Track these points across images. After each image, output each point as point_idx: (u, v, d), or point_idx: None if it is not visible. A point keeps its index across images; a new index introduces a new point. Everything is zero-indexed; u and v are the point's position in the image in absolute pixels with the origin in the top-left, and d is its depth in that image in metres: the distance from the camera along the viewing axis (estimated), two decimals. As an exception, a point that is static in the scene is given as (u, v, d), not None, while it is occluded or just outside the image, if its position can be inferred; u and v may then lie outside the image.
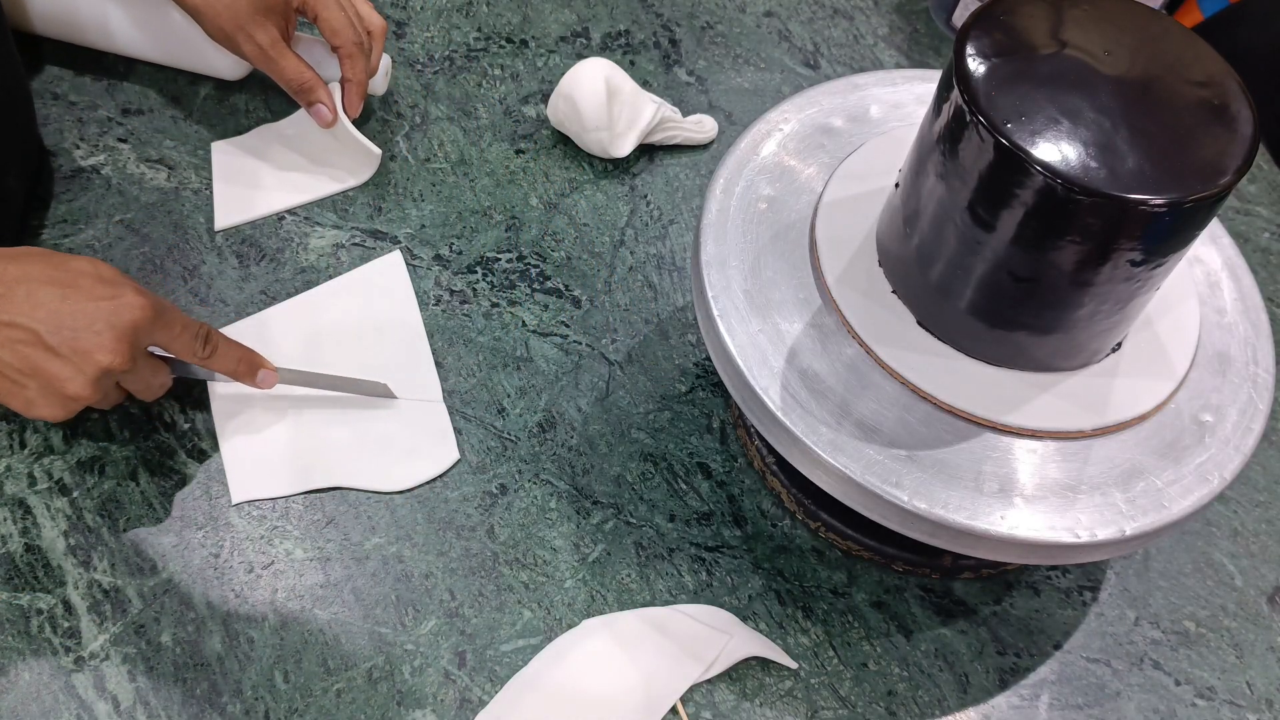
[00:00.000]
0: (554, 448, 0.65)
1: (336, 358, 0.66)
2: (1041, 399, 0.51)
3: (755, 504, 0.64)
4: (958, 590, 0.62)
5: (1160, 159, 0.43)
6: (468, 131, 0.79)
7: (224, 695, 0.55)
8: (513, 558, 0.60)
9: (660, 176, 0.79)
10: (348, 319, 0.68)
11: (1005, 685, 0.59)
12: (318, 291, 0.69)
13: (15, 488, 0.60)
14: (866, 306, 0.53)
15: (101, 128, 0.76)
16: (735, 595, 0.61)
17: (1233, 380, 0.54)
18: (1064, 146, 0.43)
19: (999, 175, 0.44)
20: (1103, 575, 0.64)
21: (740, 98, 0.84)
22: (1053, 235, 0.45)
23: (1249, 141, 0.45)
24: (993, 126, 0.44)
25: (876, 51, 0.89)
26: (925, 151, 0.49)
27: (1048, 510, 0.49)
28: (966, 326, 0.51)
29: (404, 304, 0.69)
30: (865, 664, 0.59)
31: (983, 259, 0.48)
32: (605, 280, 0.73)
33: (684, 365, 0.69)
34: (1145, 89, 0.46)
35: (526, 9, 0.88)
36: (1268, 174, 0.85)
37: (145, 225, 0.71)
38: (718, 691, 0.57)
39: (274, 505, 0.61)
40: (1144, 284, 0.48)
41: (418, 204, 0.75)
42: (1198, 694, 0.60)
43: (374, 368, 0.65)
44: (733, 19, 0.90)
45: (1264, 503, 0.67)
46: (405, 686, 0.56)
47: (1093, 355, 0.52)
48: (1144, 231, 0.44)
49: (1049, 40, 0.47)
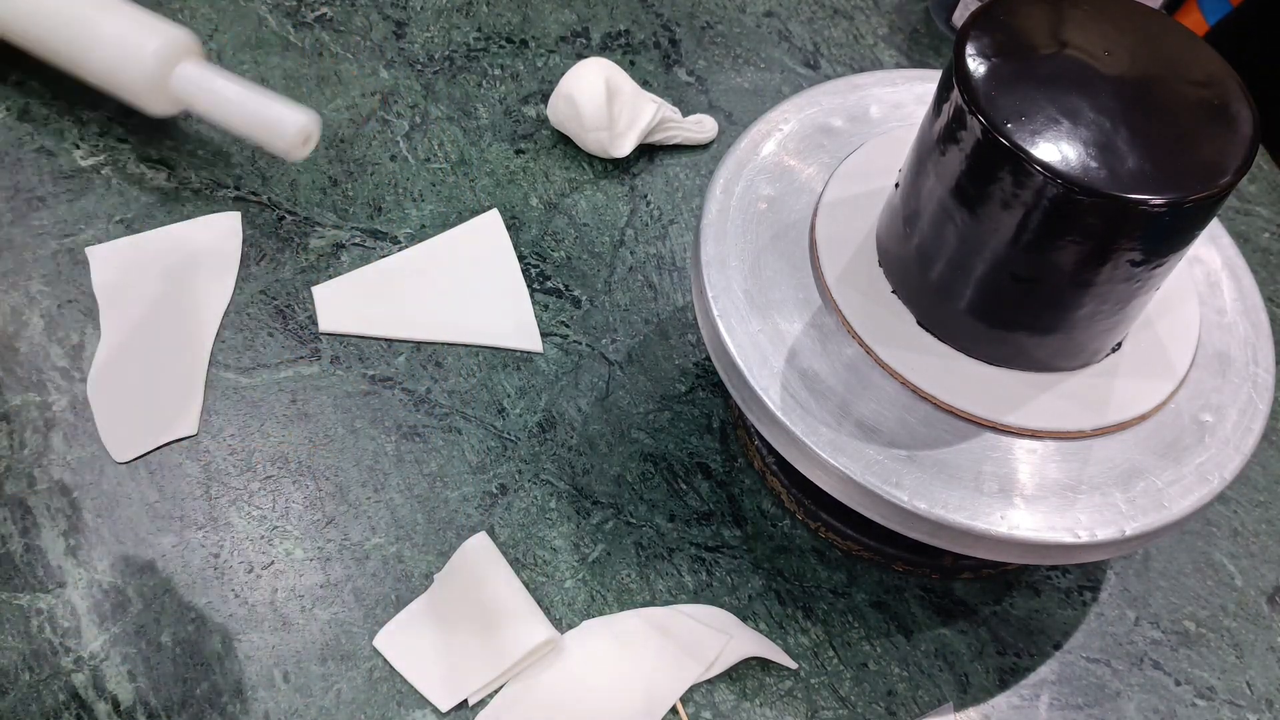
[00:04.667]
0: (554, 448, 0.65)
1: (442, 305, 0.70)
2: (1042, 399, 0.51)
3: (755, 504, 0.64)
4: (958, 590, 0.62)
5: (1160, 159, 0.43)
6: (468, 131, 0.79)
7: (224, 695, 0.55)
8: (512, 558, 0.60)
9: (660, 176, 0.79)
10: (450, 270, 0.72)
11: (1005, 685, 0.59)
12: (419, 248, 0.73)
13: (15, 488, 0.60)
14: (866, 306, 0.53)
15: (101, 128, 0.76)
16: (735, 595, 0.61)
17: (1233, 380, 0.54)
18: (1064, 146, 0.43)
19: (998, 175, 0.44)
20: (1103, 575, 0.64)
21: (740, 98, 0.84)
22: (1052, 235, 0.45)
23: (1249, 141, 0.45)
24: (992, 126, 0.44)
25: (876, 51, 0.89)
26: (925, 151, 0.49)
27: (1048, 510, 0.49)
28: (966, 326, 0.51)
29: (503, 257, 0.72)
30: (865, 664, 0.59)
31: (982, 259, 0.48)
32: (605, 280, 0.73)
33: (684, 365, 0.69)
34: (1145, 89, 0.46)
35: (526, 9, 0.88)
36: (1268, 174, 0.85)
37: (145, 225, 0.71)
38: (718, 691, 0.57)
39: (274, 505, 0.61)
40: (1144, 284, 0.48)
41: (418, 204, 0.75)
42: (1198, 694, 0.60)
43: (476, 314, 0.70)
44: (733, 19, 0.90)
45: (1264, 503, 0.67)
46: (405, 686, 0.56)
47: (1093, 355, 0.52)
48: (1144, 232, 0.44)
49: (1049, 40, 0.47)
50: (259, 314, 0.68)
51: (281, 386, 0.66)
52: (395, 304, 0.70)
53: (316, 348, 0.67)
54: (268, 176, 0.75)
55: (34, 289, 0.68)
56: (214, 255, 0.70)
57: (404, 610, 0.58)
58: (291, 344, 0.67)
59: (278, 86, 0.80)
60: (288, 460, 0.63)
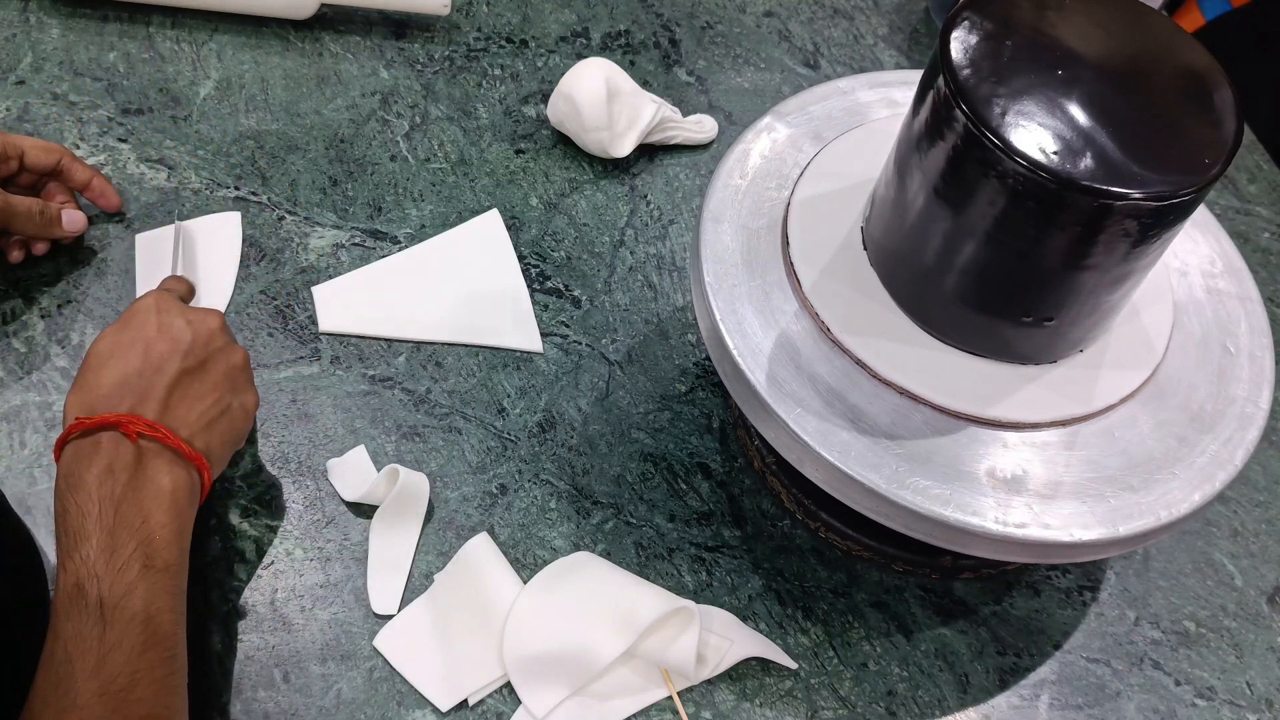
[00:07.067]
0: (554, 448, 0.65)
1: (441, 305, 0.70)
2: (1036, 393, 0.51)
3: (755, 504, 0.64)
4: (958, 590, 0.62)
5: (1144, 153, 0.44)
6: (468, 131, 0.79)
7: (224, 695, 0.55)
8: (513, 558, 0.60)
9: (660, 176, 0.79)
10: (450, 270, 0.72)
11: (1005, 685, 0.59)
12: (419, 248, 0.73)
13: (16, 487, 0.60)
14: (860, 303, 0.53)
15: (101, 128, 0.76)
16: (735, 595, 0.61)
17: (1232, 380, 0.54)
18: (1047, 139, 0.43)
19: (981, 165, 0.44)
20: (1103, 575, 0.64)
21: (740, 98, 0.84)
22: (1037, 226, 0.45)
23: (1233, 135, 0.45)
24: (977, 117, 0.44)
25: (876, 51, 0.89)
26: (909, 142, 0.49)
27: (1048, 510, 0.49)
28: (958, 319, 0.51)
29: (503, 257, 0.73)
30: (865, 664, 0.59)
31: (968, 249, 0.48)
32: (605, 280, 0.73)
33: (684, 365, 0.69)
34: (1130, 83, 0.46)
35: (526, 9, 0.88)
36: (1268, 174, 0.85)
37: (145, 225, 0.71)
38: (718, 691, 0.57)
39: (274, 505, 0.61)
40: (1127, 275, 0.48)
41: (418, 204, 0.75)
42: (1198, 694, 0.60)
43: (476, 314, 0.70)
44: (733, 19, 0.90)
45: (1264, 503, 0.67)
46: (405, 686, 0.56)
47: (1085, 346, 0.53)
48: (1127, 223, 0.44)
49: (1035, 32, 0.47)
50: (259, 314, 0.68)
51: (281, 386, 0.65)
52: (395, 304, 0.70)
53: (316, 348, 0.67)
54: (268, 176, 0.75)
55: (34, 289, 0.68)
56: (214, 255, 0.70)
57: (404, 610, 0.58)
58: (291, 344, 0.67)
59: (278, 86, 0.80)
60: (288, 460, 0.63)
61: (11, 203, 0.63)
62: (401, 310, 0.70)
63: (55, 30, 0.81)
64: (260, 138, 0.77)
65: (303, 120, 0.78)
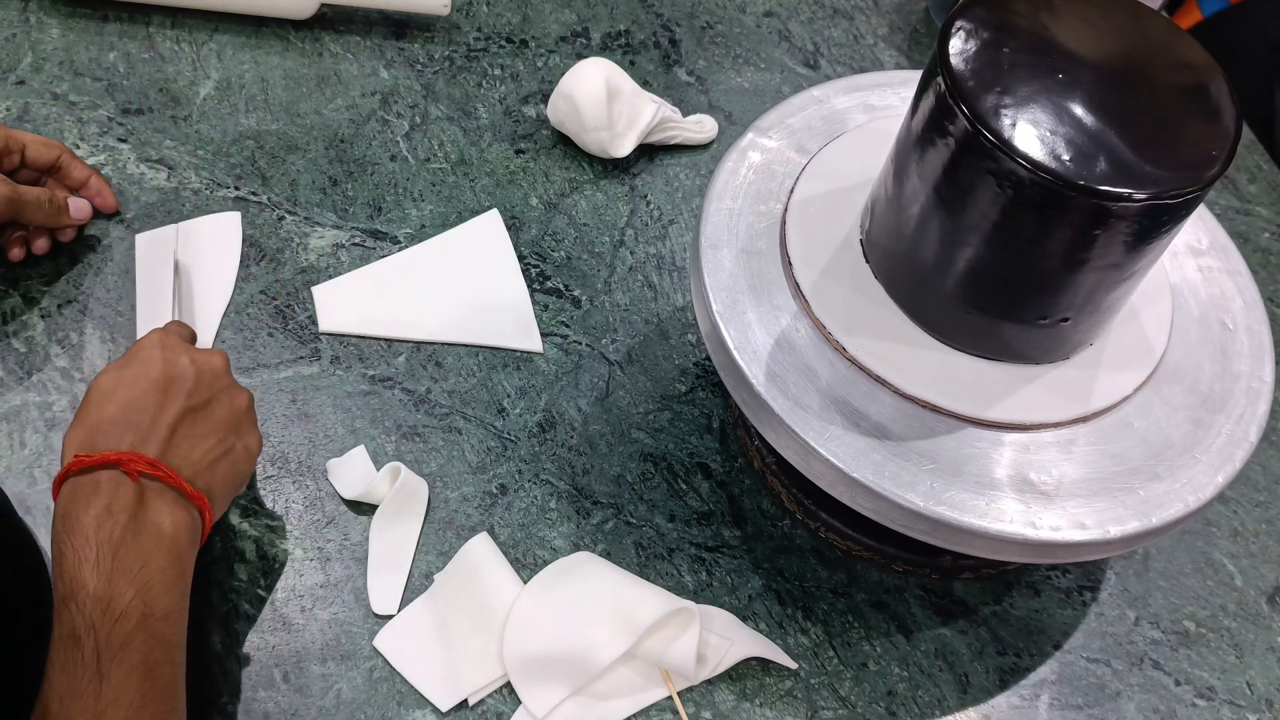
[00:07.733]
0: (554, 448, 0.65)
1: (441, 305, 0.70)
2: (1036, 394, 0.51)
3: (755, 504, 0.64)
4: (958, 590, 0.62)
5: (1143, 153, 0.44)
6: (468, 131, 0.79)
7: (224, 695, 0.55)
8: (513, 558, 0.60)
9: (660, 176, 0.79)
10: (450, 270, 0.72)
11: (1005, 685, 0.59)
12: (419, 248, 0.73)
13: (16, 488, 0.60)
14: (860, 304, 0.53)
15: (101, 128, 0.76)
16: (735, 595, 0.61)
17: (1232, 380, 0.54)
18: (1048, 138, 0.43)
19: (980, 165, 0.44)
20: (1103, 575, 0.64)
21: (740, 98, 0.84)
22: (1038, 226, 0.45)
23: (1232, 136, 0.45)
24: (976, 117, 0.44)
25: (876, 51, 0.89)
26: (909, 143, 0.49)
27: (1048, 509, 0.49)
28: (959, 320, 0.51)
29: (503, 257, 0.73)
30: (865, 664, 0.59)
31: (967, 250, 0.48)
32: (605, 280, 0.73)
33: (684, 365, 0.69)
34: (1130, 82, 0.46)
35: (526, 9, 0.88)
36: (1268, 174, 0.85)
37: (145, 225, 0.71)
38: (718, 691, 0.57)
39: (274, 505, 0.61)
40: (1126, 275, 0.48)
41: (418, 204, 0.75)
42: (1198, 694, 0.60)
43: (476, 314, 0.70)
44: (733, 19, 0.90)
45: (1264, 503, 0.67)
46: (405, 686, 0.56)
47: (1084, 347, 0.53)
48: (1126, 224, 0.44)
49: (1035, 33, 0.47)
50: (259, 314, 0.68)
51: (281, 386, 0.65)
52: (395, 304, 0.70)
53: (316, 348, 0.67)
54: (268, 176, 0.75)
55: (34, 289, 0.68)
56: (214, 255, 0.70)
57: (404, 610, 0.58)
58: (291, 344, 0.67)
59: (278, 86, 0.80)
60: (288, 460, 0.63)
61: (21, 192, 0.64)
62: (401, 310, 0.69)
63: (55, 30, 0.81)
64: (260, 138, 0.77)
65: (303, 120, 0.78)
